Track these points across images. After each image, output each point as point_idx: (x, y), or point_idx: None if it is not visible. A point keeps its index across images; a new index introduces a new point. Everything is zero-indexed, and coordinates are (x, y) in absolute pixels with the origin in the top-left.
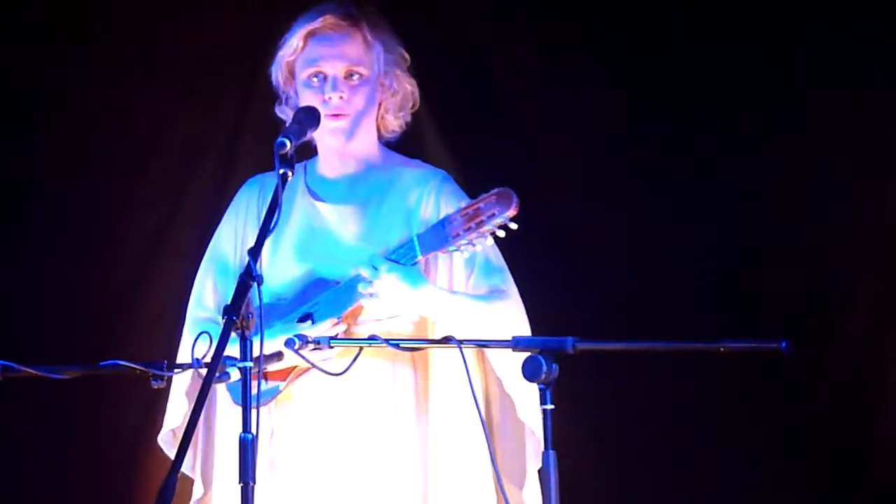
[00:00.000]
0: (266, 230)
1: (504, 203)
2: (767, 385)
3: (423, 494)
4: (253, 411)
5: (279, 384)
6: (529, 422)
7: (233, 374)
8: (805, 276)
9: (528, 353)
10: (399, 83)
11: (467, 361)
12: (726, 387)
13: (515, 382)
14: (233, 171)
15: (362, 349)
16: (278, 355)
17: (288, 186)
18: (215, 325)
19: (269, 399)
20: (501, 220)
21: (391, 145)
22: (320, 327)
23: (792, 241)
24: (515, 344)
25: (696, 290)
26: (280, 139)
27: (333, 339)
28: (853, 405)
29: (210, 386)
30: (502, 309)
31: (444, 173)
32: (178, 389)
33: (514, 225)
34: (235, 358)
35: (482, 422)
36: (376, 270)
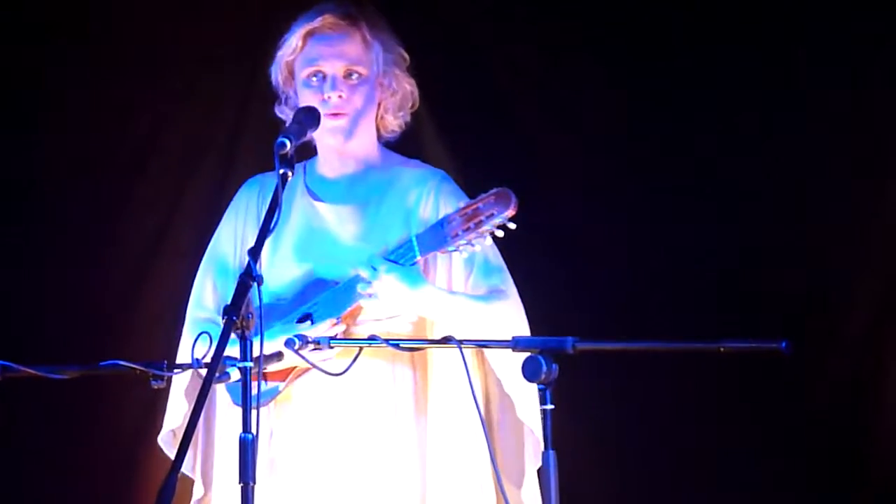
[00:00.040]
0: (266, 230)
1: (503, 203)
2: (767, 385)
3: (422, 494)
4: (253, 411)
5: (278, 385)
6: (529, 422)
7: (233, 375)
8: (805, 276)
9: (528, 354)
10: (398, 83)
11: (467, 361)
12: (726, 387)
13: (515, 382)
14: (232, 171)
15: (362, 349)
16: (278, 355)
17: (287, 186)
18: (215, 326)
19: (269, 399)
20: (500, 220)
21: (390, 145)
22: (319, 327)
23: (792, 241)
24: (515, 344)
25: (696, 290)
26: (280, 139)
27: (333, 340)
28: (853, 405)
29: (210, 386)
30: (501, 309)
31: (443, 173)
32: (178, 390)
33: (513, 225)
34: (235, 358)
35: (482, 422)
36: (375, 271)
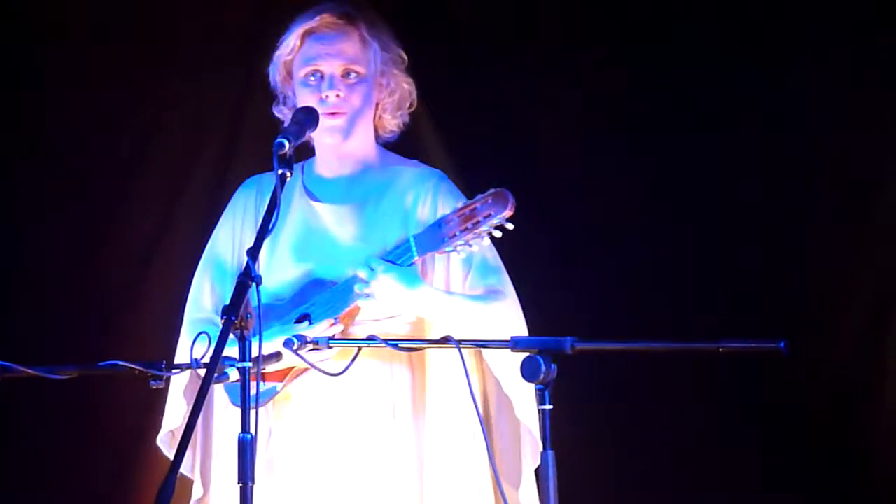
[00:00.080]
0: (265, 231)
1: (500, 203)
2: (767, 385)
3: (420, 495)
4: (252, 412)
5: (276, 385)
6: (528, 422)
7: (231, 375)
8: (805, 276)
9: (527, 354)
10: (396, 82)
11: (466, 362)
12: (726, 387)
13: (513, 382)
14: (231, 172)
15: (360, 349)
16: (276, 356)
17: (286, 187)
18: (213, 326)
19: (267, 400)
20: (498, 221)
21: (389, 145)
22: (317, 328)
23: (792, 241)
24: (514, 344)
25: (697, 290)
26: (279, 140)
27: (332, 340)
28: (853, 405)
29: (209, 386)
30: (499, 309)
31: (441, 173)
32: (177, 390)
33: (511, 225)
34: (234, 358)
35: (481, 422)
36: (373, 271)
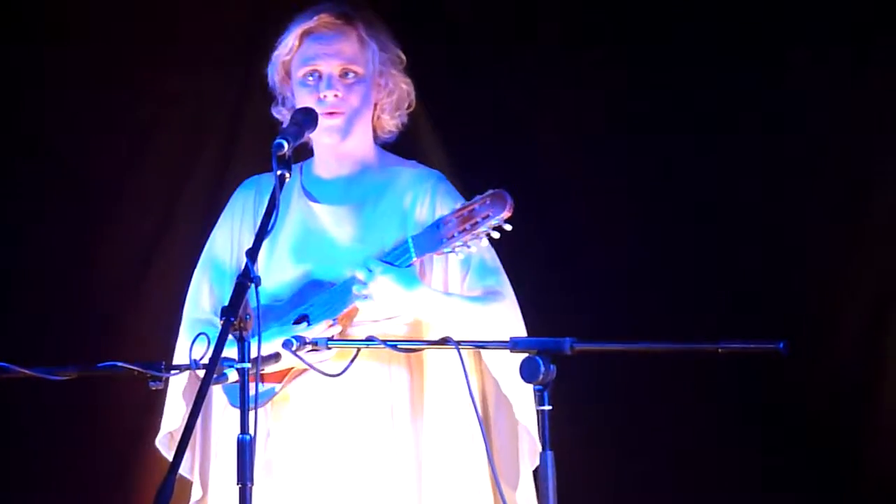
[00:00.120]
0: (264, 232)
1: (499, 204)
2: (767, 385)
3: (419, 496)
4: (251, 412)
5: (275, 386)
6: (527, 422)
7: (230, 376)
8: (805, 276)
9: (526, 354)
10: (395, 82)
11: (465, 363)
12: (726, 387)
13: (512, 383)
14: (230, 172)
15: (359, 350)
16: (275, 357)
17: (284, 188)
18: (212, 327)
19: (266, 401)
20: (496, 222)
21: (387, 146)
22: (316, 329)
23: (792, 241)
24: (514, 345)
25: (696, 291)
26: (278, 140)
27: (331, 341)
28: (853, 405)
29: (208, 387)
30: (497, 310)
31: (440, 174)
32: (176, 391)
33: (509, 226)
34: (233, 359)
35: (480, 423)
36: (371, 272)
